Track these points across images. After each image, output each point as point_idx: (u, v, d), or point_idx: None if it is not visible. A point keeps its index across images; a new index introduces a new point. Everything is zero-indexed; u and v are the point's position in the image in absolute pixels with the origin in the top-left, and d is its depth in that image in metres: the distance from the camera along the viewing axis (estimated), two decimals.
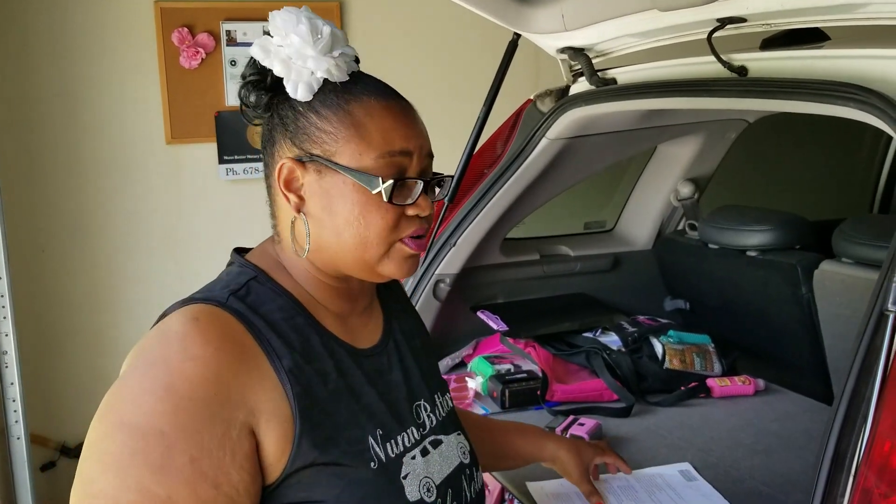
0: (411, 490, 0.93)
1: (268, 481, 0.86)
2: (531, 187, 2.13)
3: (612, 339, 2.11)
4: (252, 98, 0.95)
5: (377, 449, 0.92)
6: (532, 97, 2.12)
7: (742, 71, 1.50)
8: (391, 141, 0.92)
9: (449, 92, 3.23)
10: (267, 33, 0.94)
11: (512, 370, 2.03)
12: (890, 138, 3.56)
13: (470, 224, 2.11)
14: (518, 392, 1.93)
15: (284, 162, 0.93)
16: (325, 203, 0.92)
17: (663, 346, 2.08)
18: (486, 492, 2.17)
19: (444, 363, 2.18)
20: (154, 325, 0.90)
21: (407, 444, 0.96)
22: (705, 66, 1.58)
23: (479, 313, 2.25)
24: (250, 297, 0.91)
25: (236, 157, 3.08)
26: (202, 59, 2.96)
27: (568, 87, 2.06)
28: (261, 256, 0.99)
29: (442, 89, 3.25)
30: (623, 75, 1.87)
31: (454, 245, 2.12)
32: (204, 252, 3.03)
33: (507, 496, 2.17)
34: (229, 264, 1.00)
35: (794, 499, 1.46)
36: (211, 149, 3.04)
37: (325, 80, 0.93)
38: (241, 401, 0.83)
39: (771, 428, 1.81)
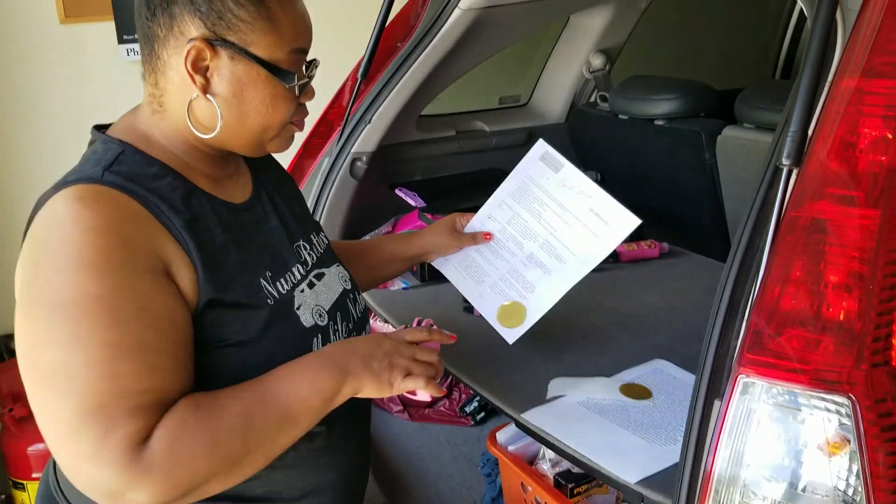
0: (305, 318, 1.03)
1: None
2: (445, 61, 2.11)
3: None
4: None
5: (269, 288, 1.00)
6: None
7: None
8: (298, 37, 0.97)
9: None
10: None
11: None
12: (792, 6, 3.63)
13: (384, 100, 2.08)
14: None
15: (195, 44, 0.92)
16: (236, 89, 0.95)
17: None
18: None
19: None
20: (31, 218, 0.91)
21: (294, 280, 1.06)
22: None
23: (397, 191, 2.26)
24: (123, 170, 0.92)
25: (136, 36, 2.92)
26: None
27: None
28: (125, 131, 0.99)
29: None
30: None
31: (369, 122, 2.10)
32: None
33: None
34: (91, 142, 1.01)
35: (693, 349, 1.56)
36: (109, 27, 2.87)
37: None
38: (151, 251, 0.88)
39: (674, 287, 1.92)
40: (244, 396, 0.91)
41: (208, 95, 0.95)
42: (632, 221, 1.36)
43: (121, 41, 2.90)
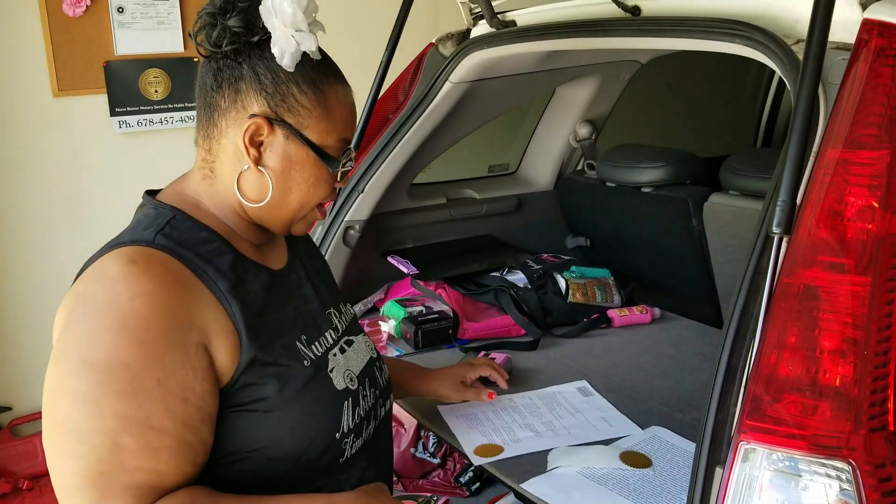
0: (338, 381, 1.08)
1: (221, 386, 0.97)
2: (436, 132, 2.16)
3: (518, 277, 2.19)
4: (227, 41, 0.98)
5: (305, 350, 1.06)
6: (434, 41, 2.13)
7: (636, 10, 1.56)
8: (347, 129, 1.06)
9: (349, 37, 3.19)
10: None
11: (424, 311, 2.07)
12: (771, 76, 3.75)
13: (377, 170, 2.12)
14: (430, 332, 1.97)
15: (256, 120, 0.99)
16: (285, 166, 1.02)
17: (566, 281, 2.17)
18: (402, 430, 2.24)
19: (357, 309, 2.20)
20: (81, 273, 0.96)
21: (327, 344, 1.11)
22: (601, 6, 1.63)
23: (389, 258, 2.28)
24: (175, 234, 0.98)
25: (129, 108, 2.96)
26: (87, 6, 2.81)
27: (469, 31, 2.08)
28: (177, 196, 1.05)
29: (342, 35, 3.20)
30: (522, 17, 1.90)
31: (362, 191, 2.13)
32: (103, 208, 2.93)
33: (423, 433, 2.25)
34: (141, 206, 1.06)
35: (690, 415, 1.57)
36: (101, 101, 2.91)
37: (304, 54, 0.99)
38: (192, 323, 0.93)
39: (667, 352, 1.93)
40: None
41: (259, 167, 1.02)
42: (633, 429, 1.51)
43: (113, 114, 2.93)
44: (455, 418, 1.58)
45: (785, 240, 1.07)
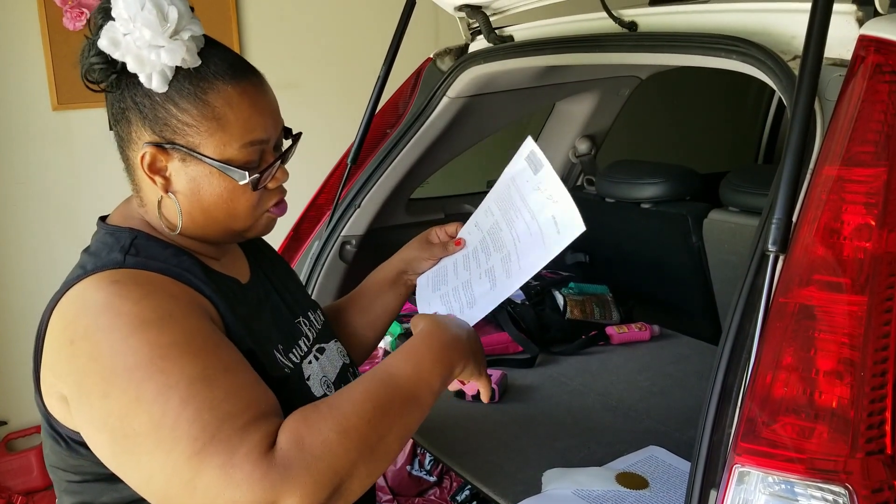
0: (315, 388, 1.06)
1: None
2: (434, 146, 2.14)
3: (515, 293, 2.17)
4: (97, 78, 0.96)
5: (283, 360, 1.04)
6: (432, 56, 2.13)
7: (632, 26, 1.55)
8: (252, 129, 0.98)
9: (348, 52, 3.19)
10: (107, 10, 0.94)
11: None
12: (773, 92, 3.74)
13: (374, 185, 2.11)
14: None
15: (147, 150, 0.95)
16: (194, 187, 0.98)
17: (564, 297, 2.15)
18: None
19: None
20: (51, 310, 0.92)
21: (301, 353, 1.09)
22: (598, 22, 1.62)
23: None
24: (143, 252, 0.96)
25: None
26: (87, 19, 2.81)
27: (467, 46, 2.07)
28: (128, 220, 1.02)
29: (341, 49, 3.21)
30: (520, 32, 1.90)
31: (359, 206, 2.12)
32: None
33: (419, 451, 2.22)
34: (95, 234, 1.03)
35: (688, 435, 1.55)
36: (101, 114, 2.90)
37: (178, 66, 0.94)
38: (198, 304, 0.93)
39: (666, 370, 1.91)
40: (366, 385, 0.93)
41: (170, 193, 0.98)
42: (577, 229, 1.23)
43: (112, 128, 2.93)
44: (425, 279, 1.39)
45: (781, 258, 1.05)
